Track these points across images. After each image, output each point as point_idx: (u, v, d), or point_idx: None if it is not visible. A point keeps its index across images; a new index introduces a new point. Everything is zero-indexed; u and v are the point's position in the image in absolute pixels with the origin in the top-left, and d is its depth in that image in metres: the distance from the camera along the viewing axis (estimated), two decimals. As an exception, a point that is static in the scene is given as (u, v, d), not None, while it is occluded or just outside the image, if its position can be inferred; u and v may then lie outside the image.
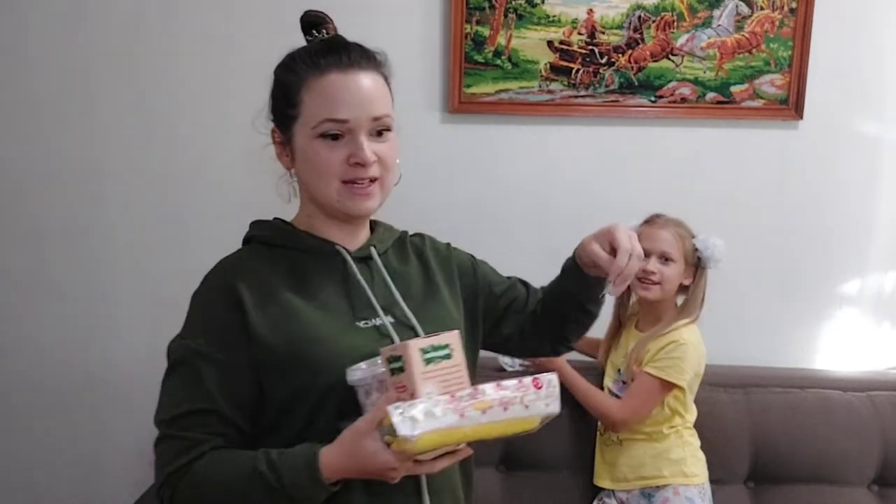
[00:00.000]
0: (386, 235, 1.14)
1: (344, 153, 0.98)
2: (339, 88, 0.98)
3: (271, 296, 0.99)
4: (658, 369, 1.58)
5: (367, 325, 1.01)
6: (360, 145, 0.98)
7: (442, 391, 0.85)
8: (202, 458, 0.93)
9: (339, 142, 0.98)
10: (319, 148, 0.99)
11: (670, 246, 1.61)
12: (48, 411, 2.00)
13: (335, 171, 0.99)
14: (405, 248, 1.16)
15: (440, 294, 1.12)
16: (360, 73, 0.99)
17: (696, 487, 1.61)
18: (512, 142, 1.92)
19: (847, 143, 1.91)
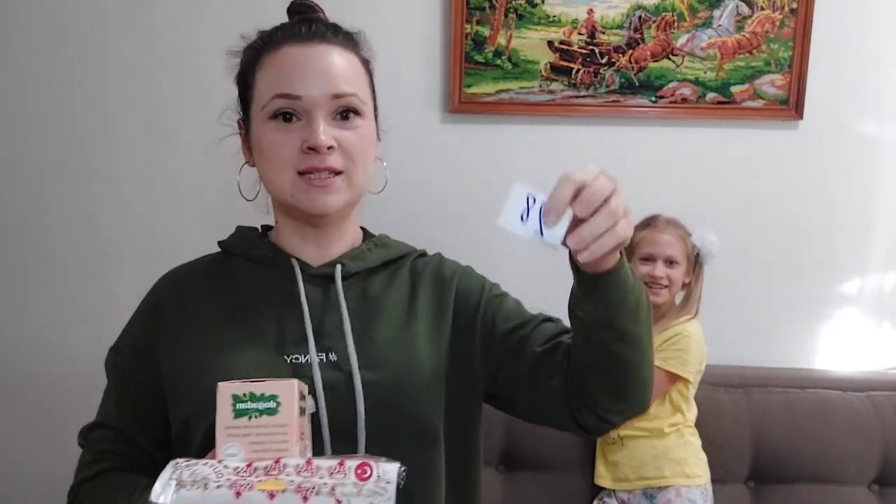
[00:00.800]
0: (373, 253, 0.96)
1: (298, 138, 0.84)
2: (292, 61, 0.84)
3: (196, 316, 0.89)
4: (663, 361, 1.59)
5: (296, 360, 0.85)
6: (313, 127, 0.83)
7: (250, 454, 0.68)
8: (101, 475, 0.89)
9: (294, 124, 0.84)
10: (270, 131, 0.85)
11: (674, 249, 1.62)
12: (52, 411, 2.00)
13: (287, 159, 0.84)
14: (401, 270, 0.97)
15: (414, 331, 0.90)
16: (323, 45, 0.86)
17: (698, 489, 1.62)
18: (512, 142, 1.92)
19: (847, 143, 1.91)
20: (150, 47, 1.89)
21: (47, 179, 1.94)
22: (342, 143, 0.85)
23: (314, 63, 0.84)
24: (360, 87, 0.87)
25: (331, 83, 0.84)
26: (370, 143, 0.89)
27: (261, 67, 0.87)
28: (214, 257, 0.98)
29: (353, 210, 0.94)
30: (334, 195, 0.86)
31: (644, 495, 1.63)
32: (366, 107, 0.88)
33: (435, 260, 1.01)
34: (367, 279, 0.93)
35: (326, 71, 0.84)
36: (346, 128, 0.86)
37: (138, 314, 0.95)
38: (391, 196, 1.02)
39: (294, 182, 0.85)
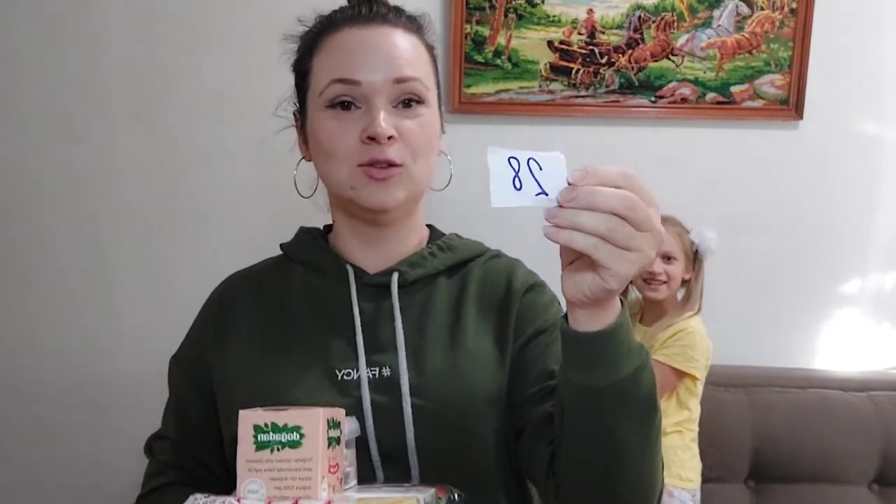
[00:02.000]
0: (436, 258, 0.87)
1: (358, 127, 0.77)
2: (352, 43, 0.78)
3: (245, 328, 0.85)
4: (668, 357, 1.59)
5: (347, 376, 0.79)
6: (373, 115, 0.76)
7: (272, 491, 0.63)
8: (163, 488, 0.86)
9: (353, 113, 0.77)
10: (327, 120, 0.78)
11: (671, 245, 1.63)
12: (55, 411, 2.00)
13: (346, 150, 0.77)
14: (470, 276, 0.88)
15: (475, 349, 0.81)
16: (385, 27, 0.79)
17: (688, 492, 1.62)
18: (512, 142, 1.90)
19: (847, 143, 1.91)
20: (152, 47, 1.89)
21: (48, 180, 1.93)
22: (403, 134, 0.77)
23: (375, 45, 0.77)
24: (424, 72, 0.80)
25: (393, 66, 0.77)
26: (434, 133, 0.82)
27: (318, 52, 0.80)
28: (276, 260, 0.93)
29: (418, 207, 0.88)
30: (395, 189, 0.78)
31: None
32: (430, 94, 0.80)
33: (509, 266, 0.91)
34: (429, 287, 0.85)
35: (388, 53, 0.77)
36: (409, 116, 0.78)
37: (195, 322, 0.92)
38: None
39: (353, 175, 0.78)
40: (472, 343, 0.81)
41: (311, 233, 0.93)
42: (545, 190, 0.57)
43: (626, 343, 0.64)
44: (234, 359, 0.83)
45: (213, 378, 0.85)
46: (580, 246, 0.56)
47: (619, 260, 0.56)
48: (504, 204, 0.59)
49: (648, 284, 1.64)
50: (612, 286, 0.58)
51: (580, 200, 0.56)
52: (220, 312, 0.88)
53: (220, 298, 0.90)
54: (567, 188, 0.57)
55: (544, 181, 0.58)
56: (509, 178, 0.59)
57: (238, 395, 0.79)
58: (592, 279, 0.59)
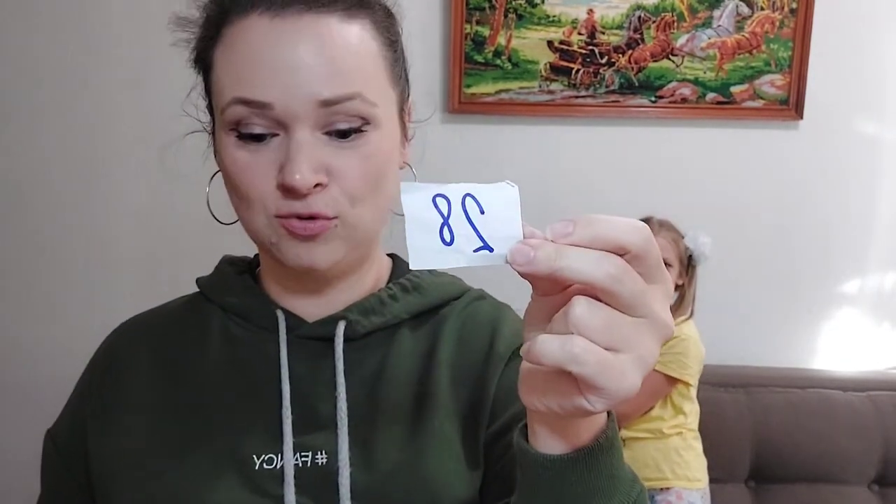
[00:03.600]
0: (398, 301, 0.65)
1: (273, 164, 0.55)
2: (258, 43, 0.54)
3: (137, 394, 0.64)
4: (661, 364, 1.59)
5: (267, 465, 0.59)
6: (290, 155, 0.54)
7: None
8: None
9: (267, 144, 0.56)
10: (234, 150, 0.56)
11: (666, 252, 1.63)
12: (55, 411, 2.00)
13: (259, 195, 0.56)
14: (442, 327, 0.67)
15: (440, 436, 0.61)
16: (310, 14, 0.54)
17: (697, 492, 1.62)
18: (512, 142, 1.92)
19: (847, 143, 1.91)
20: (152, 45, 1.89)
21: (48, 179, 1.93)
22: (337, 175, 0.56)
23: (291, 49, 0.53)
24: (367, 80, 0.56)
25: (317, 82, 0.54)
26: (385, 160, 0.59)
27: (221, 44, 0.57)
28: (190, 300, 0.71)
29: (370, 249, 0.66)
30: (326, 246, 0.57)
31: (645, 496, 1.63)
32: (377, 109, 0.57)
33: (494, 316, 0.68)
34: (388, 341, 0.65)
35: (312, 62, 0.54)
36: (344, 148, 0.56)
37: (77, 386, 0.71)
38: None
39: (272, 227, 0.57)
40: (442, 426, 0.61)
41: (237, 265, 0.71)
42: (488, 243, 0.40)
43: (613, 472, 0.45)
44: (118, 442, 0.63)
45: (91, 465, 0.64)
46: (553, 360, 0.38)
47: (601, 370, 0.38)
48: (426, 265, 0.41)
49: None
50: (596, 407, 0.40)
51: (541, 264, 0.38)
52: (107, 375, 0.67)
53: (110, 355, 0.69)
54: (522, 243, 0.39)
55: (488, 230, 0.40)
56: (435, 226, 0.40)
57: (118, 496, 0.61)
58: (565, 395, 0.40)
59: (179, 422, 0.62)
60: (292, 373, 0.61)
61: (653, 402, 1.62)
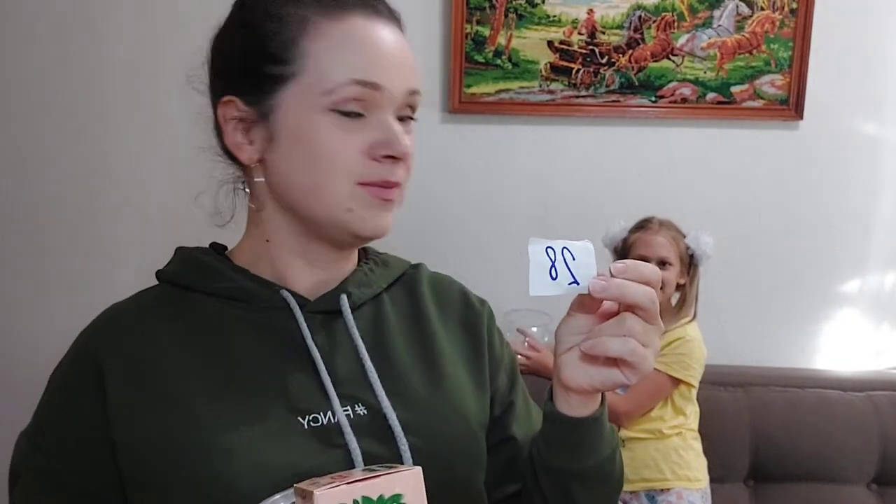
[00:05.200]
0: (375, 274, 0.76)
1: (363, 140, 0.65)
2: (369, 38, 0.65)
3: (156, 377, 0.65)
4: (665, 365, 1.59)
5: (314, 422, 0.65)
6: (393, 130, 0.66)
7: None
8: None
9: (356, 122, 0.65)
10: (330, 127, 0.64)
11: (667, 251, 1.63)
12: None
13: (347, 165, 0.65)
14: (409, 291, 0.79)
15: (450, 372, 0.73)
16: (391, 24, 0.69)
17: (698, 492, 1.62)
18: (512, 142, 1.92)
19: (847, 143, 1.92)
20: (151, 45, 1.89)
21: (47, 179, 1.94)
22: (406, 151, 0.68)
23: (391, 46, 0.66)
24: None
25: (409, 74, 0.67)
26: None
27: (319, 37, 0.65)
28: (156, 293, 0.73)
29: None
30: (391, 214, 0.69)
31: (646, 497, 1.63)
32: None
33: (449, 279, 0.84)
34: (376, 307, 0.75)
35: (404, 58, 0.67)
36: (408, 132, 0.69)
37: (62, 380, 0.69)
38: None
39: (355, 195, 0.65)
40: (449, 364, 0.74)
41: (205, 254, 0.75)
42: (577, 279, 0.59)
43: (607, 425, 0.70)
44: (160, 417, 0.64)
45: (120, 452, 0.64)
46: (616, 352, 0.58)
47: (643, 359, 0.59)
48: (541, 293, 0.59)
49: None
50: (631, 381, 0.61)
51: (612, 291, 0.58)
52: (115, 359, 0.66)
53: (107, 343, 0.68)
54: (597, 279, 0.59)
55: (577, 270, 0.59)
56: (546, 267, 0.59)
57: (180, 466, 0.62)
58: (610, 373, 0.61)
59: (217, 394, 0.64)
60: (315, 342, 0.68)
61: (655, 402, 1.62)
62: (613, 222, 1.71)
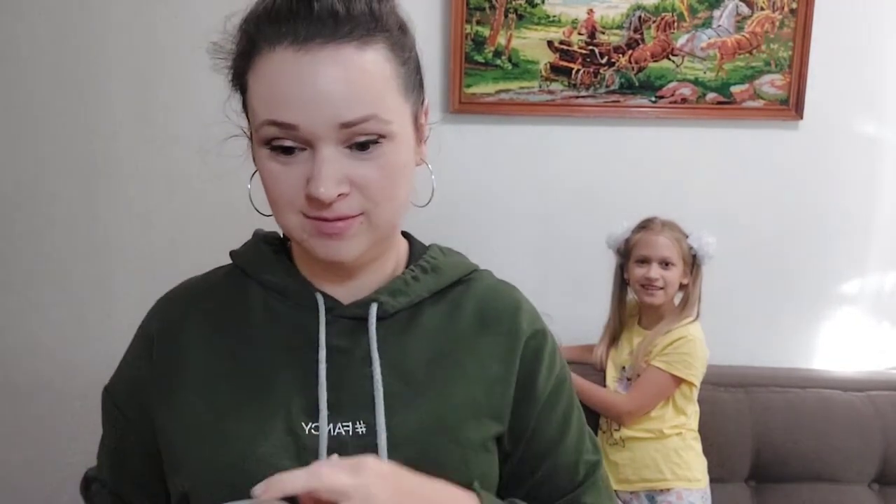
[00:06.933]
0: (420, 282, 0.75)
1: (302, 173, 0.64)
2: (285, 75, 0.62)
3: (193, 362, 0.72)
4: (667, 364, 1.59)
5: (316, 430, 0.67)
6: (314, 171, 0.62)
7: None
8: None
9: (296, 156, 0.64)
10: (268, 161, 0.65)
11: (669, 250, 1.63)
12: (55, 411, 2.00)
13: (290, 199, 0.65)
14: (461, 302, 0.76)
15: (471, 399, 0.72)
16: (329, 47, 0.62)
17: (698, 492, 1.62)
18: (512, 142, 1.92)
19: (847, 143, 1.92)
20: (152, 44, 1.89)
21: (48, 179, 1.94)
22: (359, 183, 0.64)
23: (312, 80, 0.61)
24: (381, 101, 0.64)
25: (336, 108, 0.62)
26: (401, 166, 0.67)
27: (252, 72, 0.65)
28: (227, 272, 0.79)
29: (391, 238, 0.74)
30: (351, 241, 0.66)
31: (646, 497, 1.63)
32: (391, 125, 0.64)
33: (512, 295, 0.79)
34: (413, 317, 0.73)
35: (330, 92, 0.61)
36: (365, 159, 0.64)
37: (132, 349, 0.79)
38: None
39: (303, 225, 0.66)
40: (466, 392, 0.72)
41: (271, 243, 0.79)
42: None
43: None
44: (184, 400, 0.71)
45: (157, 425, 0.73)
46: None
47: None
48: None
49: (645, 290, 1.64)
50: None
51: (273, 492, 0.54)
52: (164, 339, 0.74)
53: (165, 321, 0.76)
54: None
55: None
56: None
57: (189, 449, 0.70)
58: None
59: (236, 390, 0.70)
60: (332, 349, 0.70)
61: (657, 401, 1.62)
62: (616, 223, 1.71)
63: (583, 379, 1.69)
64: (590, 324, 1.77)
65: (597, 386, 1.69)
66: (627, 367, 1.69)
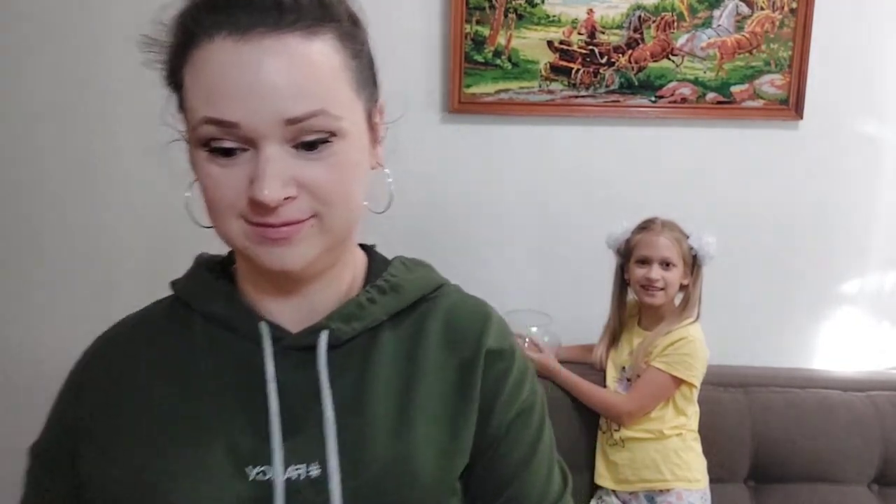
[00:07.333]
0: (377, 304, 0.68)
1: (244, 175, 0.58)
2: (224, 67, 0.56)
3: (130, 409, 0.65)
4: (667, 364, 1.59)
5: (261, 476, 0.61)
6: (259, 171, 0.56)
7: None
8: None
9: (237, 158, 0.58)
10: (206, 164, 0.59)
11: (670, 251, 1.62)
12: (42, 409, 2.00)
13: (231, 203, 0.59)
14: (422, 323, 0.70)
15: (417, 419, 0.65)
16: (271, 36, 0.56)
17: (698, 492, 1.62)
18: (512, 142, 1.92)
19: (847, 143, 1.92)
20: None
21: (48, 179, 1.94)
22: (307, 185, 0.58)
23: (253, 73, 0.55)
24: (330, 95, 0.58)
25: (280, 103, 0.56)
26: (354, 167, 0.61)
27: (189, 66, 0.59)
28: (168, 304, 0.72)
29: (345, 246, 0.68)
30: (300, 247, 0.60)
31: (646, 497, 1.63)
32: (341, 121, 0.59)
33: (481, 313, 0.72)
34: (370, 343, 0.67)
35: (274, 84, 0.55)
36: (314, 159, 0.58)
37: (59, 402, 0.71)
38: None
39: (246, 232, 0.60)
40: (425, 424, 0.65)
41: (213, 268, 0.72)
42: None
43: None
44: (118, 457, 0.64)
45: (92, 481, 0.65)
46: None
47: None
48: None
49: (646, 290, 1.63)
50: None
51: None
52: (97, 385, 0.68)
53: (99, 366, 0.70)
54: None
55: None
56: None
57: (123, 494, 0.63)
58: None
59: (174, 436, 0.63)
60: (280, 384, 0.63)
61: (657, 402, 1.62)
62: (616, 223, 1.71)
63: (583, 379, 1.69)
64: (590, 324, 1.77)
65: (597, 386, 1.69)
66: (627, 367, 1.69)
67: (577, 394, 1.68)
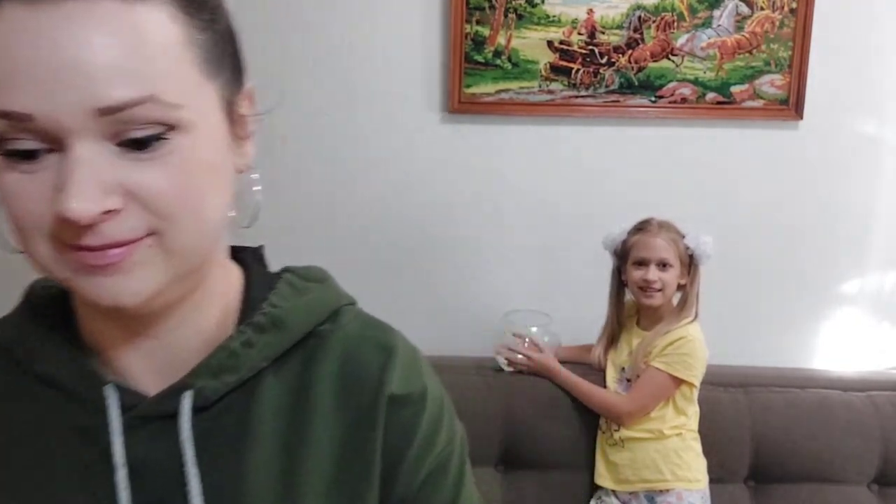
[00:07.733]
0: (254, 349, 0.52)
1: (48, 185, 0.43)
2: (12, 42, 0.41)
3: None
4: (667, 364, 1.59)
5: None
6: (66, 177, 0.42)
7: None
8: None
9: (41, 162, 0.43)
10: (7, 171, 0.43)
11: (667, 252, 1.62)
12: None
13: (37, 223, 0.44)
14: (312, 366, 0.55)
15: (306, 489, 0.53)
16: (79, 1, 0.41)
17: (698, 492, 1.62)
18: (512, 142, 1.92)
19: (847, 143, 1.92)
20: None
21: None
22: (138, 194, 0.44)
23: (50, 47, 0.41)
24: (164, 76, 0.43)
25: (90, 88, 0.41)
26: (205, 169, 0.47)
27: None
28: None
29: (200, 275, 0.51)
30: (135, 275, 0.45)
31: (645, 497, 1.63)
32: (180, 111, 0.44)
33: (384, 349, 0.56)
34: (249, 399, 0.53)
35: (79, 63, 0.41)
36: (145, 160, 0.44)
37: None
38: (390, 196, 0.96)
39: (62, 260, 0.45)
40: (317, 498, 0.53)
41: (49, 305, 0.55)
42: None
43: None
44: None
45: None
46: None
47: None
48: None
49: (644, 292, 1.63)
50: None
51: None
52: None
53: None
54: None
55: None
56: None
57: None
58: None
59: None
60: (134, 468, 0.50)
61: (657, 402, 1.62)
62: (616, 223, 1.71)
63: (583, 379, 1.69)
64: (590, 324, 1.77)
65: (597, 387, 1.69)
66: (627, 367, 1.69)
67: (577, 394, 1.68)
